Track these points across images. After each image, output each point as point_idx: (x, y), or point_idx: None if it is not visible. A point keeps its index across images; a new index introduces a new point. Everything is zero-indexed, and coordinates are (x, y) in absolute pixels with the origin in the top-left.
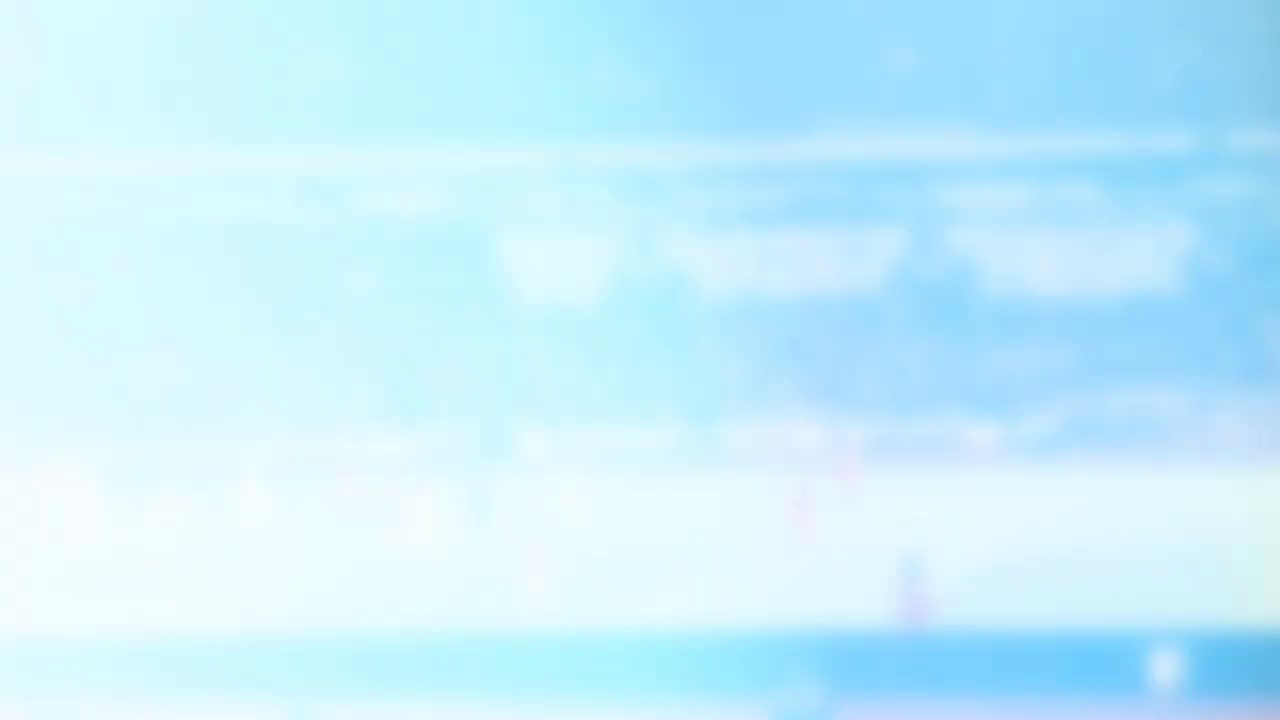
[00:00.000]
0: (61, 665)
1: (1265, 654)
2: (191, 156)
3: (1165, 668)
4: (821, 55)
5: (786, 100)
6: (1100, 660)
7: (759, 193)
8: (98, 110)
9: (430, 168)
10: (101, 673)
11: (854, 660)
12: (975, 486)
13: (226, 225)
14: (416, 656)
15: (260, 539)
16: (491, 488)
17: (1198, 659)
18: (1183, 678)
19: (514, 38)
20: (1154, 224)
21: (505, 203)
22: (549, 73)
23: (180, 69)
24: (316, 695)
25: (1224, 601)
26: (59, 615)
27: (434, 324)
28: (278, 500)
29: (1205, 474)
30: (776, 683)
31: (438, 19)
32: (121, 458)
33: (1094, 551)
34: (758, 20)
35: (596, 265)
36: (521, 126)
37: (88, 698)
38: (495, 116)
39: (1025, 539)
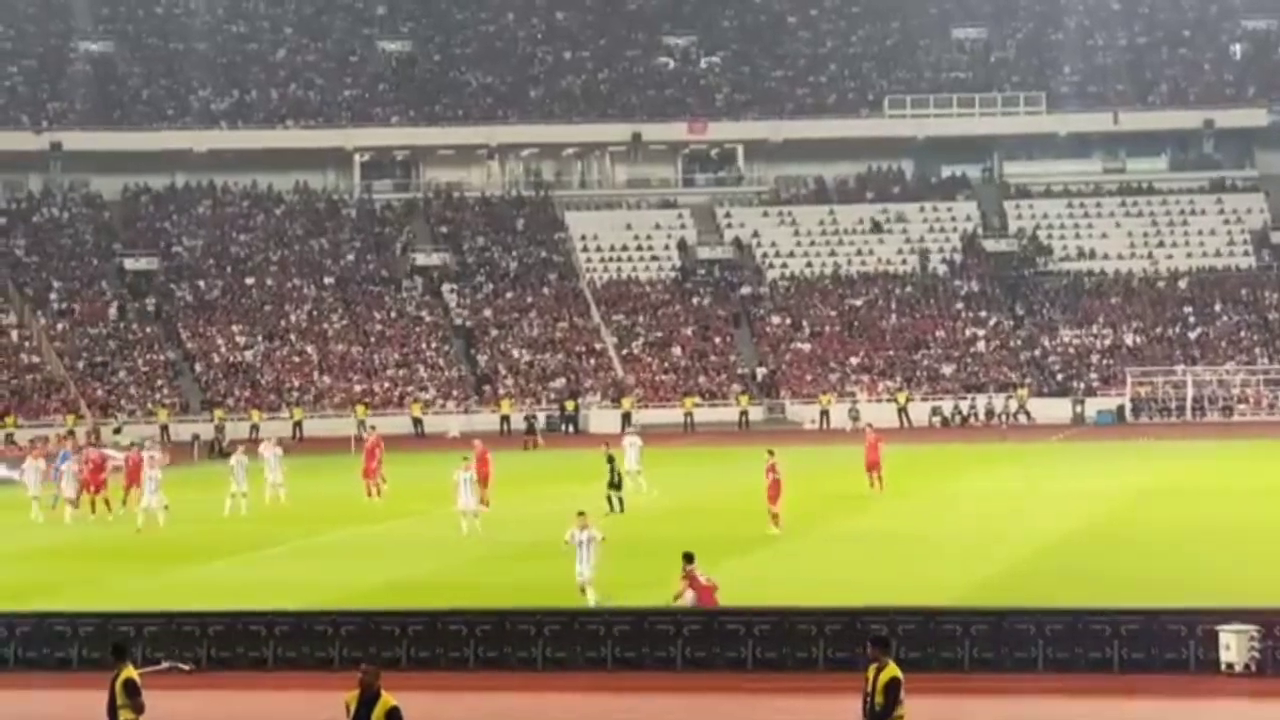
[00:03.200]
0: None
1: None
2: (263, 134)
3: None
4: (891, 33)
5: (856, 77)
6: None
7: (827, 169)
8: (171, 89)
9: (498, 144)
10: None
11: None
12: (1045, 460)
13: (298, 199)
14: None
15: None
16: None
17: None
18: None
19: (580, 16)
20: (1225, 199)
21: (573, 178)
22: (614, 50)
23: (250, 48)
24: None
25: None
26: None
27: (502, 298)
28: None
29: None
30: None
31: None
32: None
33: (1161, 529)
34: None
35: (663, 241)
36: (589, 104)
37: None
38: (563, 94)
39: (1093, 518)
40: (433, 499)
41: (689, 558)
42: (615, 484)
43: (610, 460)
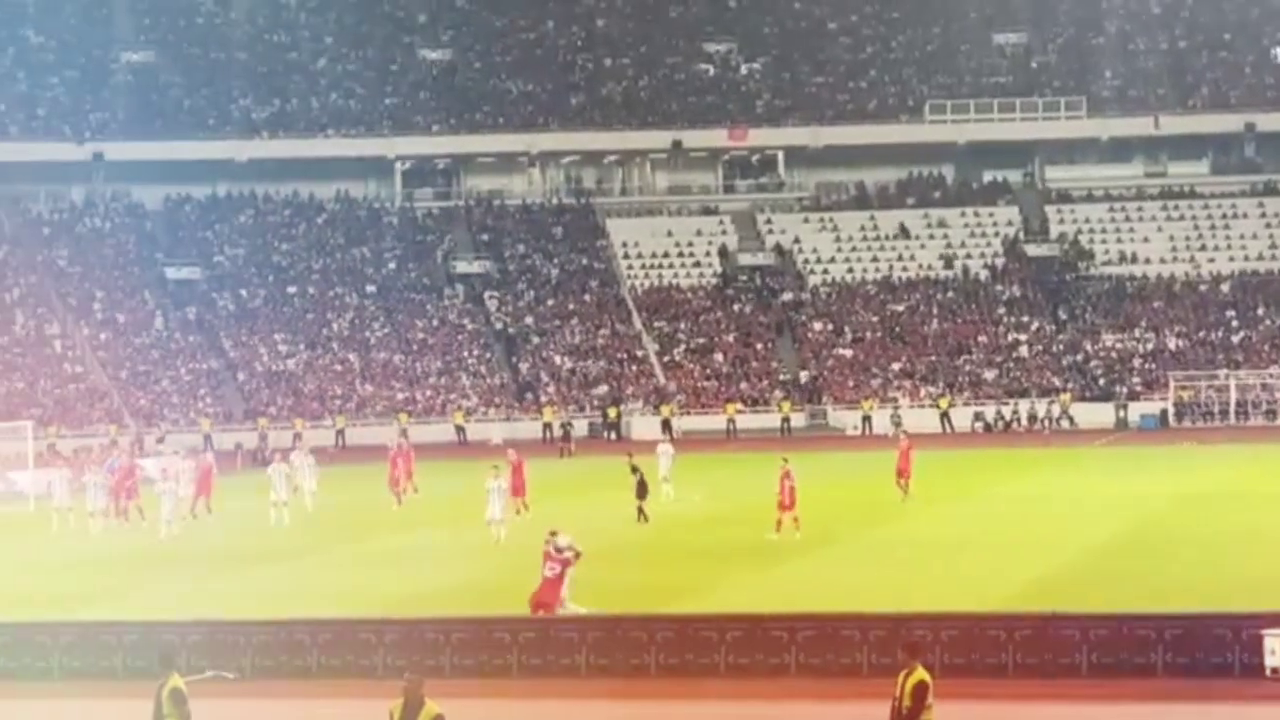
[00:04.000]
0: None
1: None
2: (304, 143)
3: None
4: (932, 38)
5: (896, 82)
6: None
7: (868, 175)
8: (213, 98)
9: (539, 151)
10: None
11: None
12: (1088, 465)
13: (340, 207)
14: None
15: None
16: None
17: None
18: None
19: (621, 23)
20: (1266, 203)
21: (614, 185)
22: (654, 57)
23: (291, 57)
24: None
25: None
26: None
27: (543, 305)
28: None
29: None
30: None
31: (546, 6)
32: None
33: (1205, 533)
34: (869, 4)
35: (704, 247)
36: (630, 111)
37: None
38: (604, 101)
39: (1136, 523)
40: (473, 507)
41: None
42: (642, 493)
43: (634, 469)
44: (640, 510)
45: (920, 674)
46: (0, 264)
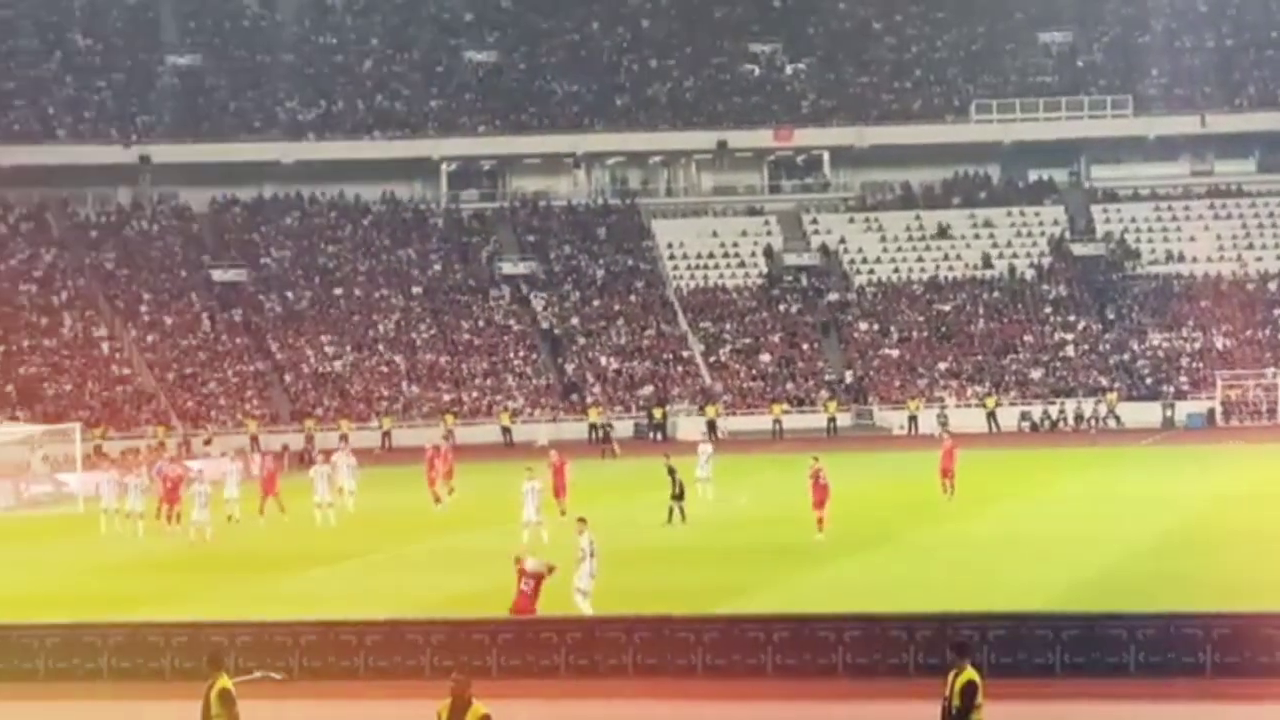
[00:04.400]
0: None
1: None
2: (350, 144)
3: None
4: (977, 37)
5: (941, 82)
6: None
7: (913, 174)
8: (259, 100)
9: (585, 152)
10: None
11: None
12: (1135, 464)
13: (386, 209)
14: None
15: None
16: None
17: None
18: None
19: (666, 24)
20: None
21: (659, 186)
22: (699, 58)
23: (337, 60)
24: None
25: None
26: None
27: (589, 306)
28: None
29: None
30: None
31: (591, 7)
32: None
33: (1253, 532)
34: (914, 3)
35: (750, 248)
36: (675, 111)
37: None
38: (649, 102)
39: (1184, 522)
40: (517, 509)
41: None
42: (677, 494)
43: (671, 471)
44: (677, 511)
45: (970, 673)
46: (48, 266)
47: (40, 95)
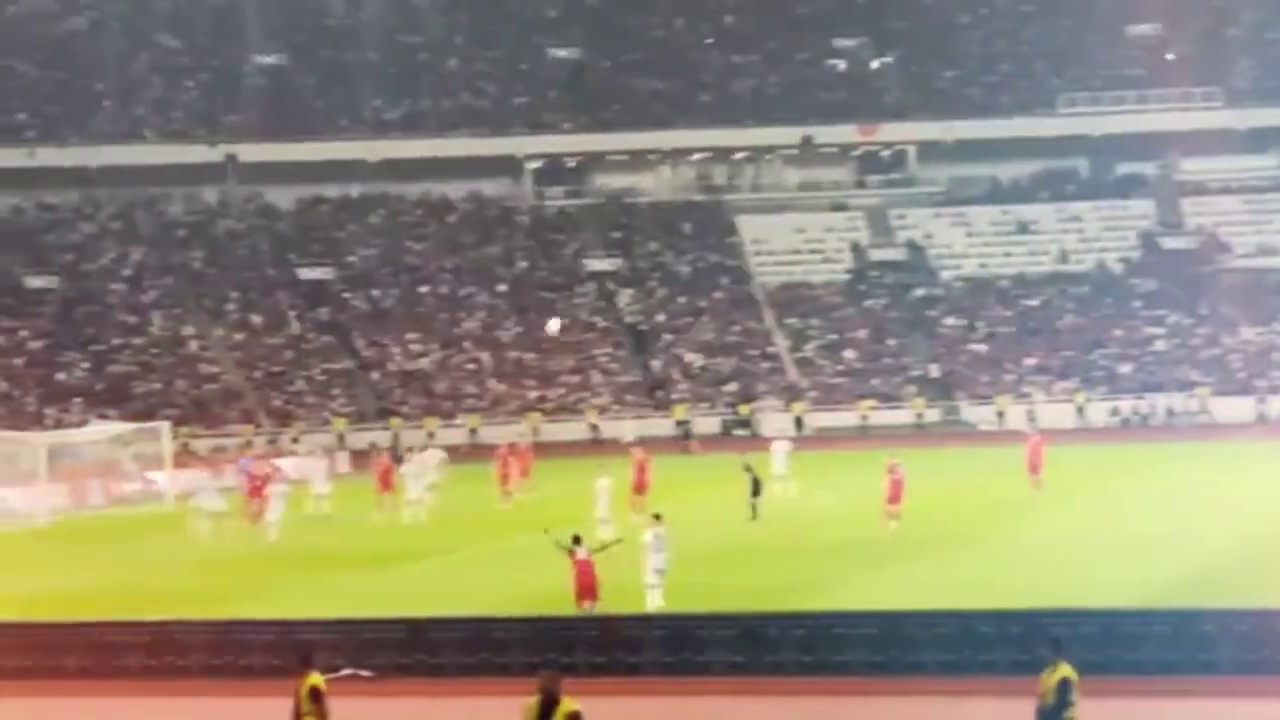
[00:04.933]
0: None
1: None
2: (435, 142)
3: None
4: (1064, 31)
5: (1028, 76)
6: None
7: (1000, 169)
8: (344, 99)
9: (669, 149)
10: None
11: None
12: (1228, 461)
13: (471, 207)
14: None
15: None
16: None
17: None
18: None
19: (750, 20)
20: None
21: (744, 182)
22: (784, 53)
23: (421, 58)
24: None
25: None
26: None
27: (674, 303)
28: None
29: None
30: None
31: (676, 3)
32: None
33: None
34: None
35: (835, 243)
36: (759, 107)
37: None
38: (733, 98)
39: (1276, 518)
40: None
41: (576, 539)
42: (754, 492)
43: (747, 468)
44: (753, 508)
45: (1064, 670)
46: (137, 266)
47: (128, 96)
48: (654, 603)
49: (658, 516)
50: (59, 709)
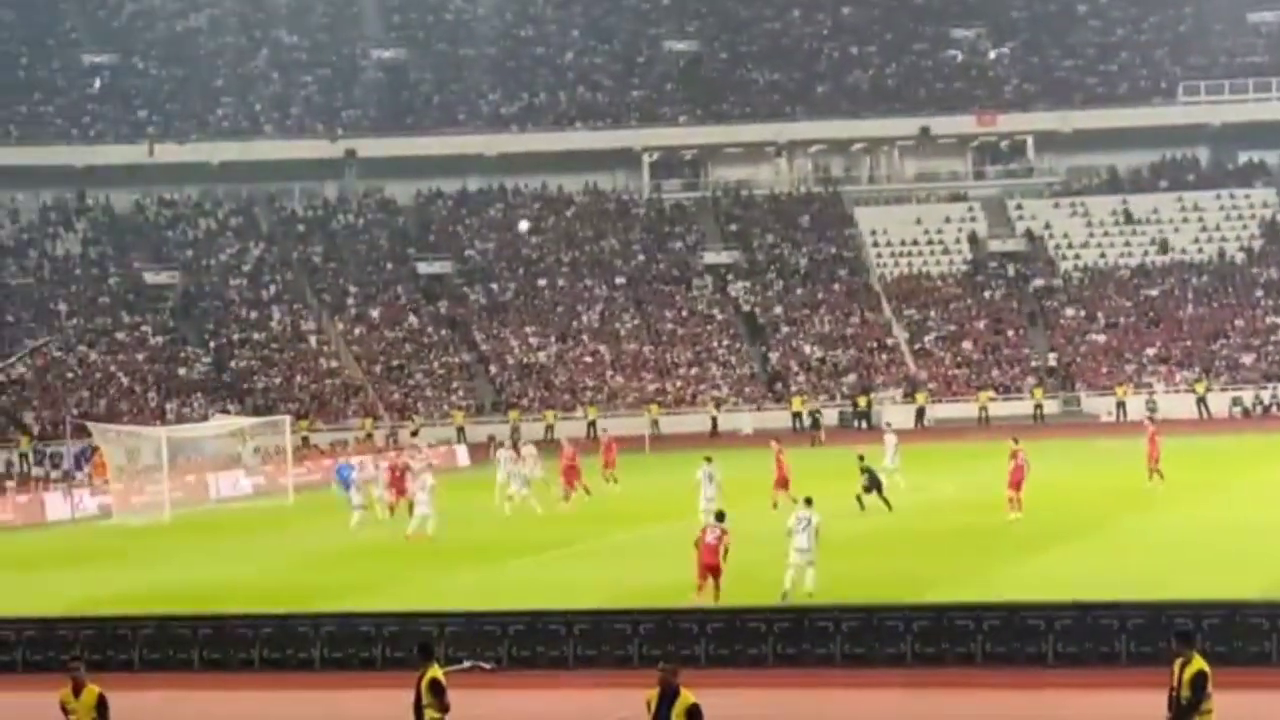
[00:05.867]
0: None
1: None
2: (552, 136)
3: None
4: (1184, 18)
5: (1148, 64)
6: None
7: (1119, 159)
8: (462, 94)
9: (786, 140)
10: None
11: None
12: None
13: (588, 200)
14: None
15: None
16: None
17: None
18: None
19: (867, 10)
20: None
21: (862, 173)
22: (901, 44)
23: (538, 52)
24: None
25: None
26: None
27: (792, 295)
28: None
29: None
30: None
31: None
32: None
33: None
34: None
35: (954, 234)
36: (877, 98)
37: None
38: (850, 89)
39: None
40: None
41: (719, 516)
42: (867, 487)
43: (860, 459)
44: (878, 501)
45: (1198, 663)
46: (257, 261)
47: (247, 92)
48: (790, 583)
49: (809, 501)
50: (186, 701)
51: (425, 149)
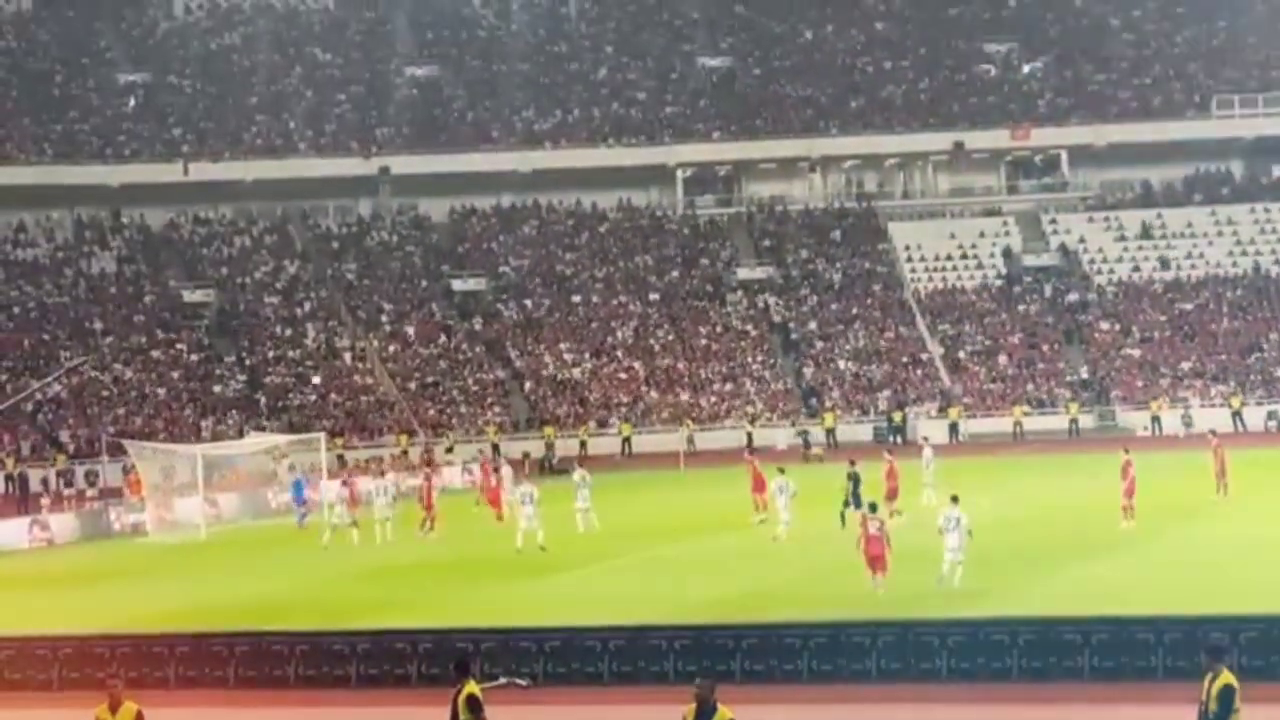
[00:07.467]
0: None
1: None
2: (585, 152)
3: None
4: (1218, 32)
5: (1181, 78)
6: None
7: (1153, 172)
8: (495, 110)
9: (820, 156)
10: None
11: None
12: None
13: (622, 216)
14: None
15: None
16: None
17: None
18: None
19: (900, 26)
20: None
21: (895, 188)
22: (934, 59)
23: (571, 68)
24: None
25: None
26: None
27: (826, 310)
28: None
29: None
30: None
31: (825, 10)
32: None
33: None
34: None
35: (988, 249)
36: (910, 113)
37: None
38: (884, 104)
39: None
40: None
41: (872, 507)
42: (847, 502)
43: (851, 464)
44: (842, 516)
45: (1226, 677)
46: (291, 278)
47: (281, 110)
48: (945, 577)
49: (954, 499)
50: (223, 718)
51: (459, 165)
